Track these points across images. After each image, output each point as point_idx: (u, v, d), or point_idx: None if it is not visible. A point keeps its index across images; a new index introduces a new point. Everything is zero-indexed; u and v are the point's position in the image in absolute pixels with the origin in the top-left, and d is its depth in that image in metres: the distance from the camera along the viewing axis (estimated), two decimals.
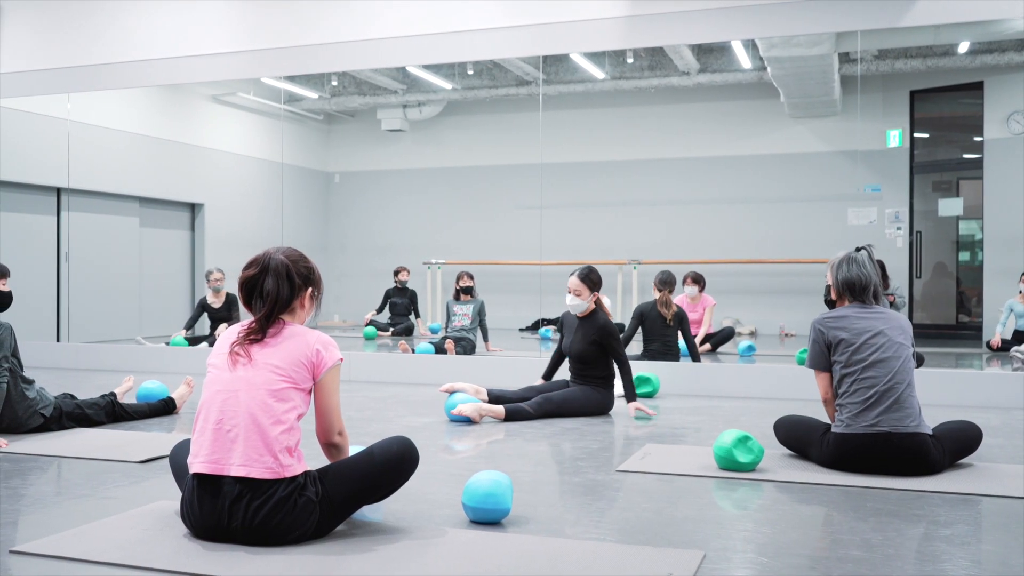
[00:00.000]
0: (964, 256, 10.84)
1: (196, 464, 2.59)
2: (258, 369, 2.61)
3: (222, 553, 2.48)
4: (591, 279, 5.13)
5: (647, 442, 4.32)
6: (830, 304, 3.76)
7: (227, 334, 2.74)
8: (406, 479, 2.80)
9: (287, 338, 2.67)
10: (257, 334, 2.68)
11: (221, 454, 2.56)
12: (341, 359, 2.72)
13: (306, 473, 2.60)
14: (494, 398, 5.13)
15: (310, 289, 2.79)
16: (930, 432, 3.54)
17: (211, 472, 2.55)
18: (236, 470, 2.53)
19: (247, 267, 2.76)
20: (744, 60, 9.96)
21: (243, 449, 2.54)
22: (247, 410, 2.57)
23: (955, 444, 3.63)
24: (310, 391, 2.69)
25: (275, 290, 2.69)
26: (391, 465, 2.72)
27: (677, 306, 6.87)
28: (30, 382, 4.45)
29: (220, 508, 2.52)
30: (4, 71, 8.30)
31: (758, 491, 3.34)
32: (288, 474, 2.54)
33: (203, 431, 2.61)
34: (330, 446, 2.76)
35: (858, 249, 3.74)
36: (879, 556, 2.52)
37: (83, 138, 8.98)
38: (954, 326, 10.42)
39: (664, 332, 6.81)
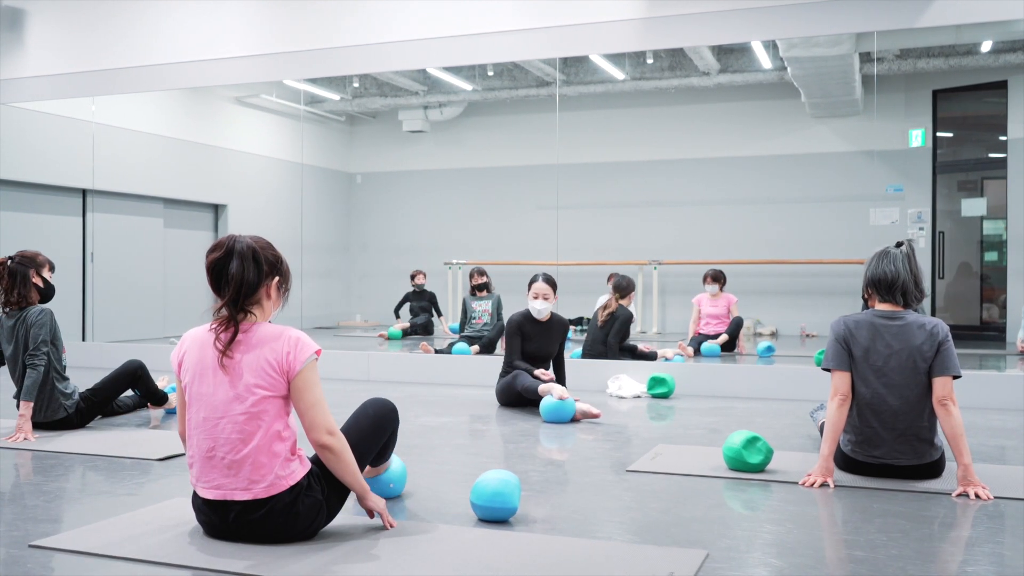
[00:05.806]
0: (990, 256, 10.72)
1: (199, 487, 2.59)
2: (237, 388, 2.51)
3: (234, 550, 2.53)
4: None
5: (659, 442, 4.34)
6: (866, 303, 3.56)
7: (196, 338, 2.60)
8: (394, 433, 2.96)
9: (259, 344, 2.53)
10: (229, 324, 2.54)
11: (221, 480, 2.54)
12: (318, 352, 2.56)
13: (308, 473, 2.60)
14: None
15: (276, 279, 2.63)
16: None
17: (215, 499, 2.56)
18: (239, 495, 2.53)
19: (211, 250, 2.59)
20: (764, 60, 9.93)
21: (240, 474, 2.52)
22: (236, 436, 2.51)
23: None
24: (288, 396, 2.56)
25: (240, 273, 2.54)
26: (375, 427, 2.84)
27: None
28: (65, 378, 4.54)
29: (228, 522, 2.57)
30: (30, 74, 8.44)
31: (767, 492, 3.35)
32: (291, 482, 2.54)
33: (197, 457, 2.57)
34: (321, 448, 2.54)
35: (898, 244, 3.49)
36: (882, 556, 2.53)
37: (108, 140, 9.11)
38: (977, 327, 10.33)
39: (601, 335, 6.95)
